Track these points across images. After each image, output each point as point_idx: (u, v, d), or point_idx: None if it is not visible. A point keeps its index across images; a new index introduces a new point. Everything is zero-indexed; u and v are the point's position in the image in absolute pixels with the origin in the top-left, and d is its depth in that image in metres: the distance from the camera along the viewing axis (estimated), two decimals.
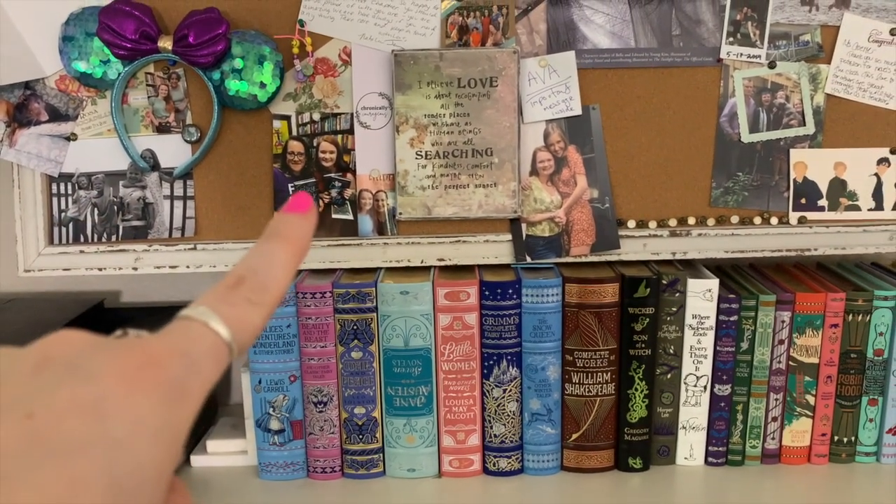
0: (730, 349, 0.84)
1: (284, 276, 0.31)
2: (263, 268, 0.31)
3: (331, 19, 0.83)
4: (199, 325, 0.28)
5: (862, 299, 0.84)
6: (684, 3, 0.84)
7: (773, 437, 0.87)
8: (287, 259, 0.31)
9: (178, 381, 0.26)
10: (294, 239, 0.32)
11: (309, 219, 0.33)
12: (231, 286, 0.30)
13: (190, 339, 0.27)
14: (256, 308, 0.29)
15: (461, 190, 0.85)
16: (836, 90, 0.85)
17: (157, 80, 0.84)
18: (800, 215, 0.86)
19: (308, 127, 0.85)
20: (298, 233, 0.32)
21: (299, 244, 0.32)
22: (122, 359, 0.25)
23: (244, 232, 0.86)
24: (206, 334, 0.28)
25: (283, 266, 0.31)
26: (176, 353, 0.26)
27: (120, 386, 0.24)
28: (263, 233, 0.32)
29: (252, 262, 0.31)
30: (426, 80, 0.83)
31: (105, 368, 0.25)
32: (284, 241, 0.32)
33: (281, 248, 0.31)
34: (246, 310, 0.29)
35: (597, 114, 0.85)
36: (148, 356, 0.26)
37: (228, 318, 0.28)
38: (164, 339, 0.27)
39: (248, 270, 0.31)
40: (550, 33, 0.84)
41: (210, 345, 0.28)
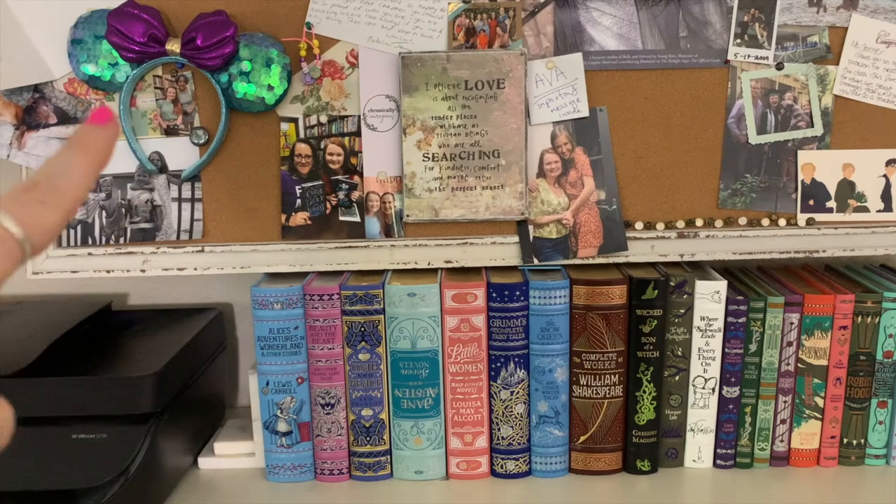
0: (738, 351, 0.84)
1: (80, 181, 0.33)
2: (60, 173, 0.32)
3: (338, 22, 0.84)
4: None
5: (871, 301, 0.83)
6: (691, 5, 0.84)
7: (781, 440, 0.87)
8: (84, 166, 0.33)
9: None
10: (92, 148, 0.34)
11: (107, 130, 0.35)
12: (26, 189, 0.31)
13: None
14: (50, 210, 0.31)
15: (468, 192, 0.85)
16: (844, 91, 0.85)
17: (166, 82, 0.84)
18: (808, 217, 0.86)
19: (315, 129, 0.85)
20: (96, 142, 0.34)
21: (97, 152, 0.34)
22: None
23: (252, 234, 0.86)
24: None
25: (80, 172, 0.33)
26: None
27: None
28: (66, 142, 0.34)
29: (49, 169, 0.33)
30: (433, 82, 0.83)
31: None
32: (83, 149, 0.33)
33: (78, 156, 0.33)
34: (39, 209, 0.31)
35: (604, 115, 0.85)
36: None
37: (20, 216, 0.30)
38: None
39: (44, 175, 0.32)
40: (557, 35, 0.84)
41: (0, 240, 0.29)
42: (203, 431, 0.93)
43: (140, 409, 0.78)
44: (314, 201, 0.86)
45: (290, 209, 0.86)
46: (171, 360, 0.82)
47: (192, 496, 0.85)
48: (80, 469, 0.74)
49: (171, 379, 0.82)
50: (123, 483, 0.75)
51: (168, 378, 0.81)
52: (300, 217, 0.86)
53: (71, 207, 0.32)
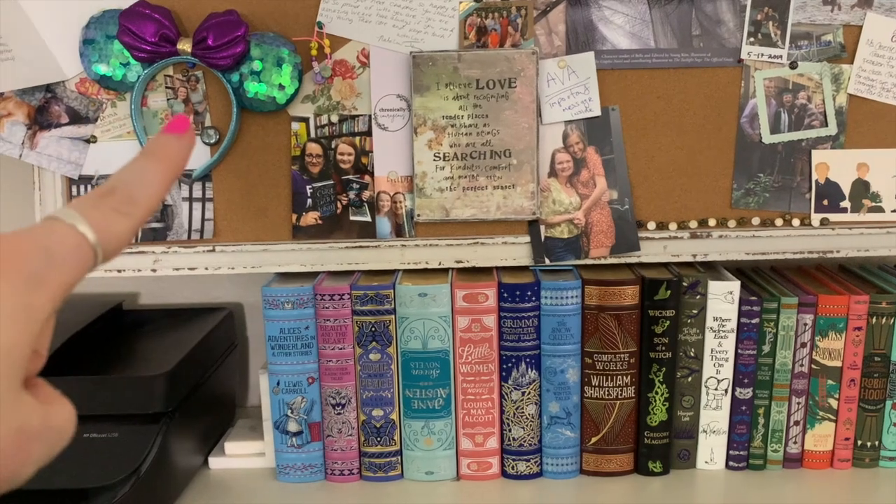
0: (751, 352, 0.84)
1: (154, 191, 0.33)
2: (135, 181, 0.32)
3: (349, 21, 0.83)
4: (64, 226, 0.30)
5: (886, 302, 0.83)
6: (704, 4, 0.83)
7: (795, 442, 0.86)
8: (159, 176, 0.33)
9: (37, 272, 0.28)
10: (168, 158, 0.34)
11: (184, 140, 0.35)
12: (101, 195, 0.31)
13: (53, 237, 0.29)
14: (124, 218, 0.31)
15: (479, 192, 0.85)
16: (858, 90, 0.84)
17: (177, 82, 0.84)
18: (822, 217, 0.85)
19: (326, 129, 0.85)
20: (172, 152, 0.34)
21: (172, 163, 0.34)
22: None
23: (262, 234, 0.86)
24: (71, 235, 0.29)
25: (154, 182, 0.33)
26: (35, 247, 0.28)
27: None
28: (142, 149, 0.34)
29: (124, 176, 0.33)
30: (444, 81, 0.83)
31: None
32: (158, 159, 0.33)
33: (154, 165, 0.33)
34: (113, 218, 0.31)
35: (616, 115, 0.85)
36: (7, 247, 0.27)
37: (95, 223, 0.30)
38: (28, 233, 0.29)
39: (120, 182, 0.32)
40: (569, 34, 0.84)
41: (74, 245, 0.29)
42: (214, 431, 0.94)
43: (151, 409, 0.78)
44: (325, 201, 0.86)
45: (301, 209, 0.86)
46: (182, 359, 0.82)
47: (202, 496, 0.85)
48: (92, 468, 0.75)
49: (182, 378, 0.82)
50: (135, 482, 0.75)
51: (179, 378, 0.81)
52: (311, 217, 0.86)
53: (144, 216, 0.32)
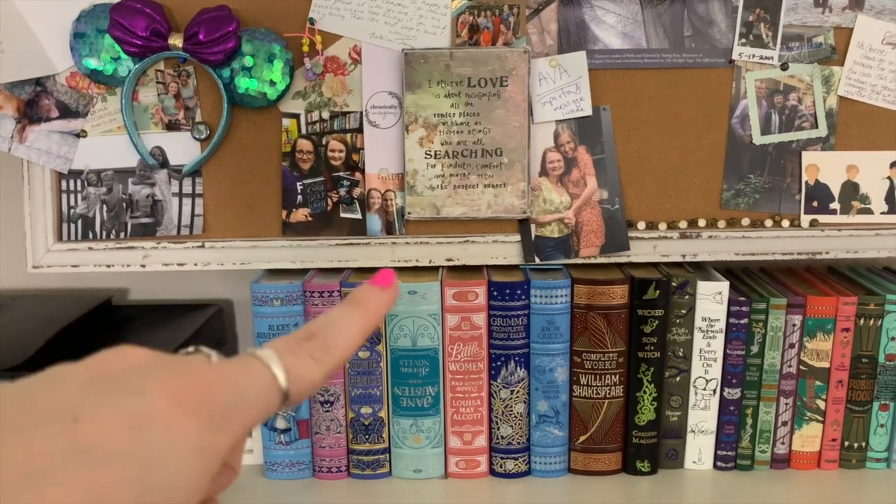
0: (740, 352, 0.84)
1: (353, 341, 0.33)
2: (335, 329, 0.32)
3: (341, 18, 0.83)
4: (260, 365, 0.29)
5: (874, 303, 0.83)
6: (696, 4, 0.83)
7: (782, 442, 0.87)
8: (359, 326, 0.33)
9: (223, 411, 0.27)
10: (371, 309, 0.34)
11: (389, 293, 0.35)
12: (301, 339, 0.32)
13: (246, 375, 0.29)
14: (318, 365, 0.31)
15: (470, 190, 0.85)
16: (849, 92, 0.84)
17: (168, 77, 0.84)
18: (811, 218, 0.86)
19: (317, 125, 0.85)
20: (376, 304, 0.35)
21: (374, 315, 0.34)
22: (174, 380, 0.26)
23: (252, 230, 0.86)
24: (265, 375, 0.29)
25: (354, 331, 0.33)
26: (227, 384, 0.28)
27: (166, 405, 0.25)
28: (346, 298, 0.34)
29: (326, 323, 0.33)
30: (436, 79, 0.83)
31: (155, 386, 0.26)
32: (362, 309, 0.34)
33: (356, 315, 0.33)
34: (308, 364, 0.31)
35: (607, 114, 0.85)
36: (199, 381, 0.27)
37: (290, 366, 0.30)
38: (221, 368, 0.28)
39: (321, 328, 0.32)
40: (561, 33, 0.84)
41: (265, 386, 0.29)
42: None
43: None
44: (315, 198, 0.85)
45: (291, 205, 0.85)
46: None
47: None
48: None
49: None
50: None
51: None
52: (301, 213, 0.86)
53: (337, 365, 0.32)
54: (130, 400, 0.25)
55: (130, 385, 0.26)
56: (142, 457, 0.24)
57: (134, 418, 0.24)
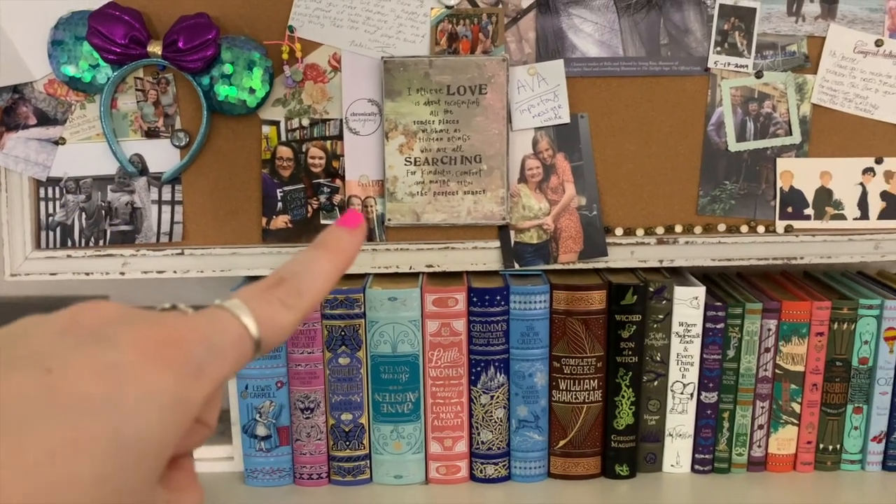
0: (716, 357, 0.85)
1: (322, 284, 0.32)
2: (303, 274, 0.31)
3: (321, 25, 0.84)
4: (229, 316, 0.29)
5: (847, 308, 0.84)
6: (672, 13, 0.85)
7: (759, 445, 0.88)
8: (329, 269, 0.32)
9: (196, 363, 0.27)
10: (339, 251, 0.33)
11: (356, 234, 0.34)
12: (269, 286, 0.31)
13: (216, 327, 0.28)
14: (289, 311, 0.30)
15: (450, 197, 0.85)
16: (822, 100, 0.86)
17: (147, 84, 0.84)
18: (786, 224, 0.87)
19: (297, 132, 0.85)
20: (344, 245, 0.33)
21: (343, 256, 0.33)
22: (146, 332, 0.26)
23: (232, 237, 0.86)
24: (235, 326, 0.29)
25: (323, 275, 0.32)
26: (199, 336, 0.27)
27: (139, 357, 0.25)
28: (314, 241, 0.33)
29: (294, 267, 0.32)
30: (416, 86, 0.83)
31: (128, 339, 0.26)
32: (329, 251, 0.33)
33: (324, 258, 0.32)
34: (278, 310, 0.30)
35: (585, 122, 0.86)
36: (170, 334, 0.26)
37: (260, 315, 0.29)
38: (191, 321, 0.28)
39: (289, 273, 0.31)
40: (539, 42, 0.85)
41: (236, 336, 0.29)
42: None
43: None
44: (295, 204, 0.86)
45: (271, 212, 0.86)
46: None
47: None
48: None
49: None
50: None
51: None
52: (281, 220, 0.86)
53: (309, 310, 0.31)
54: (104, 351, 0.25)
55: (104, 337, 0.25)
56: (115, 408, 0.24)
57: (107, 369, 0.24)
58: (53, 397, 0.23)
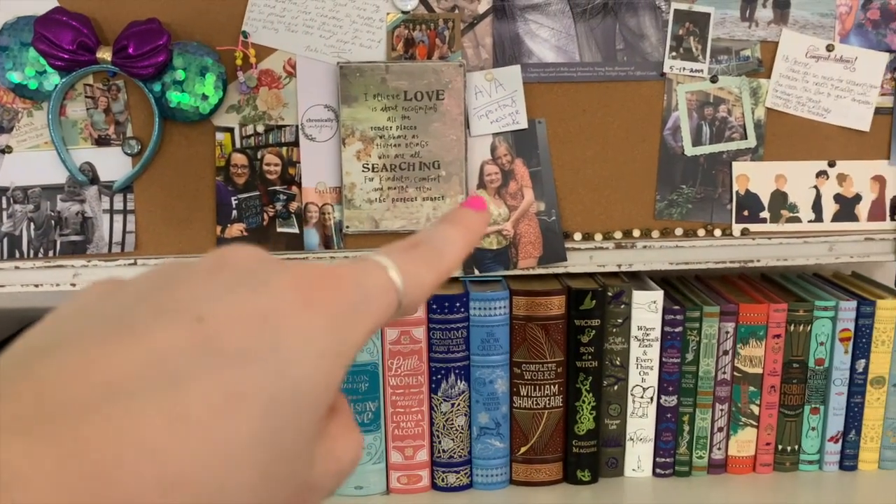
0: (675, 360, 0.85)
1: (458, 253, 0.31)
2: (440, 241, 0.31)
3: (275, 31, 0.83)
4: (376, 267, 0.27)
5: (803, 310, 0.85)
6: (628, 18, 0.85)
7: (719, 448, 0.88)
8: (462, 242, 0.31)
9: (351, 308, 0.25)
10: (469, 226, 0.32)
11: (484, 216, 0.34)
12: (409, 246, 0.29)
13: (369, 278, 0.26)
14: (429, 271, 0.29)
15: (409, 203, 0.85)
16: (776, 104, 0.87)
17: (97, 91, 0.82)
18: (743, 227, 0.88)
19: (252, 139, 0.84)
20: (473, 223, 0.33)
21: (473, 234, 0.32)
22: (300, 275, 0.24)
23: (186, 246, 0.84)
24: (382, 277, 0.27)
25: (458, 245, 0.31)
26: (355, 284, 0.25)
27: (294, 301, 0.23)
28: (440, 218, 0.32)
29: (430, 235, 0.31)
30: (372, 92, 0.82)
31: (281, 281, 0.23)
32: (461, 227, 0.32)
33: (457, 231, 0.32)
34: (420, 269, 0.29)
35: (542, 127, 0.85)
36: (324, 276, 0.24)
37: (404, 271, 0.28)
38: (346, 269, 0.26)
39: (426, 239, 0.30)
40: (496, 47, 0.85)
41: (383, 288, 0.27)
42: None
43: None
44: (251, 212, 0.84)
45: (226, 220, 0.84)
46: None
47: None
48: None
49: None
50: None
51: None
52: (236, 229, 0.84)
53: (447, 273, 0.30)
54: (257, 295, 0.22)
55: (253, 280, 0.23)
56: (272, 358, 0.21)
57: (261, 316, 0.22)
58: (207, 349, 0.21)
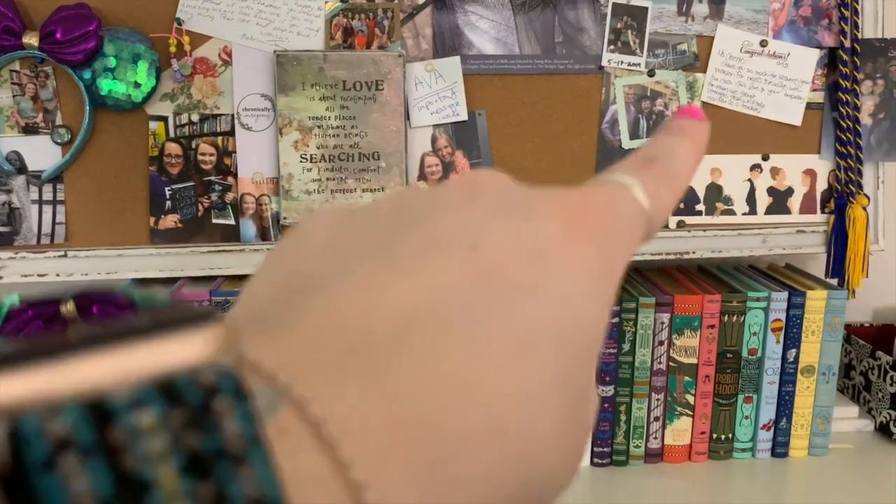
0: (612, 350, 0.86)
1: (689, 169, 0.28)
2: (673, 156, 0.28)
3: (210, 18, 0.81)
4: (625, 191, 0.24)
5: (736, 300, 0.87)
6: (567, 11, 0.85)
7: (655, 437, 0.89)
8: (690, 153, 0.28)
9: (613, 234, 0.22)
10: (695, 137, 0.29)
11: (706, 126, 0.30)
12: (644, 163, 0.27)
13: (621, 202, 0.24)
14: (669, 191, 0.26)
15: (348, 194, 0.84)
16: (711, 98, 0.88)
17: (24, 78, 0.80)
18: (679, 219, 0.89)
19: (186, 128, 0.82)
20: (698, 132, 0.29)
21: (700, 145, 0.29)
22: (560, 200, 0.22)
23: (119, 238, 0.82)
24: (633, 203, 0.24)
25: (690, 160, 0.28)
26: (609, 206, 0.23)
27: (560, 228, 0.21)
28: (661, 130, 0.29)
29: (657, 149, 0.28)
30: (310, 81, 0.81)
31: (543, 208, 0.21)
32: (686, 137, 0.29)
33: (683, 143, 0.29)
34: (660, 189, 0.26)
35: (483, 120, 0.85)
36: (585, 201, 0.22)
37: (647, 190, 0.25)
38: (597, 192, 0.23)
39: (659, 153, 0.27)
40: (436, 38, 0.84)
41: (635, 214, 0.24)
42: None
43: None
44: (185, 203, 0.83)
45: (160, 211, 0.82)
46: None
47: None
48: None
49: None
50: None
51: None
52: (170, 220, 0.83)
53: (681, 192, 0.27)
54: (526, 224, 0.20)
55: (519, 207, 0.21)
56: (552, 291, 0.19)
57: (535, 245, 0.20)
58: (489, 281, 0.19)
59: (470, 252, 0.19)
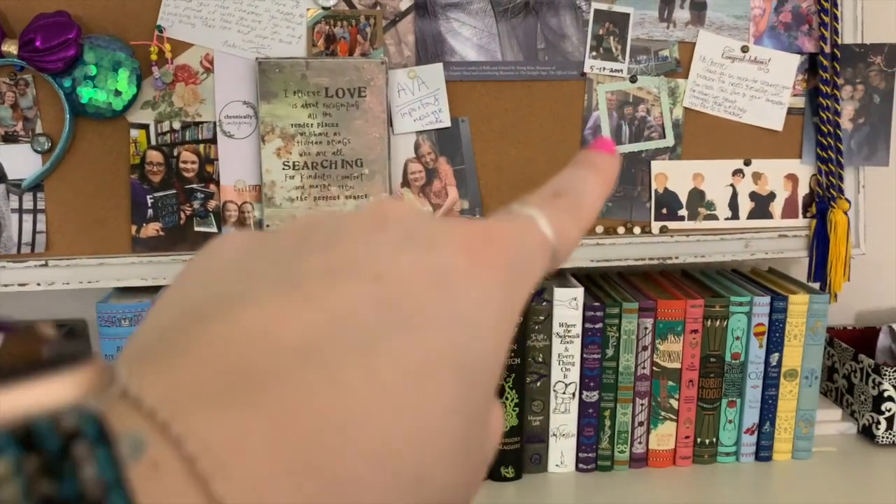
0: (596, 356, 0.86)
1: (596, 202, 0.28)
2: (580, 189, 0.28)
3: (192, 25, 0.81)
4: (531, 223, 0.25)
5: (719, 305, 0.87)
6: (549, 18, 0.85)
7: (640, 442, 0.89)
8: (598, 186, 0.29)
9: (515, 266, 0.23)
10: (604, 170, 0.29)
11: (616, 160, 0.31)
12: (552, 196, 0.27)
13: (525, 233, 0.25)
14: (575, 223, 0.27)
15: (331, 202, 0.84)
16: (693, 104, 0.88)
17: (3, 86, 0.79)
18: (661, 225, 0.89)
19: (168, 136, 0.82)
20: (607, 166, 0.30)
21: (608, 179, 0.29)
22: (464, 231, 0.22)
23: (100, 247, 0.82)
24: (539, 234, 0.25)
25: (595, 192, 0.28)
26: (513, 237, 0.24)
27: (464, 259, 0.21)
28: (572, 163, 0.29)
29: (566, 182, 0.28)
30: (292, 88, 0.81)
31: (447, 238, 0.22)
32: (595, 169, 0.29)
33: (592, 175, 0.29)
34: (567, 222, 0.26)
35: (466, 126, 0.86)
36: (488, 232, 0.23)
37: (553, 223, 0.26)
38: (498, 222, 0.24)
39: (564, 187, 0.28)
40: (419, 45, 0.84)
41: (540, 245, 0.25)
42: None
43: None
44: (167, 211, 0.82)
45: (142, 220, 0.82)
46: None
47: None
48: None
49: None
50: None
51: None
52: (152, 228, 0.82)
53: (588, 224, 0.27)
54: (431, 255, 0.21)
55: (425, 237, 0.21)
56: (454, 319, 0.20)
57: (436, 275, 0.20)
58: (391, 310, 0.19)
59: (372, 281, 0.20)
